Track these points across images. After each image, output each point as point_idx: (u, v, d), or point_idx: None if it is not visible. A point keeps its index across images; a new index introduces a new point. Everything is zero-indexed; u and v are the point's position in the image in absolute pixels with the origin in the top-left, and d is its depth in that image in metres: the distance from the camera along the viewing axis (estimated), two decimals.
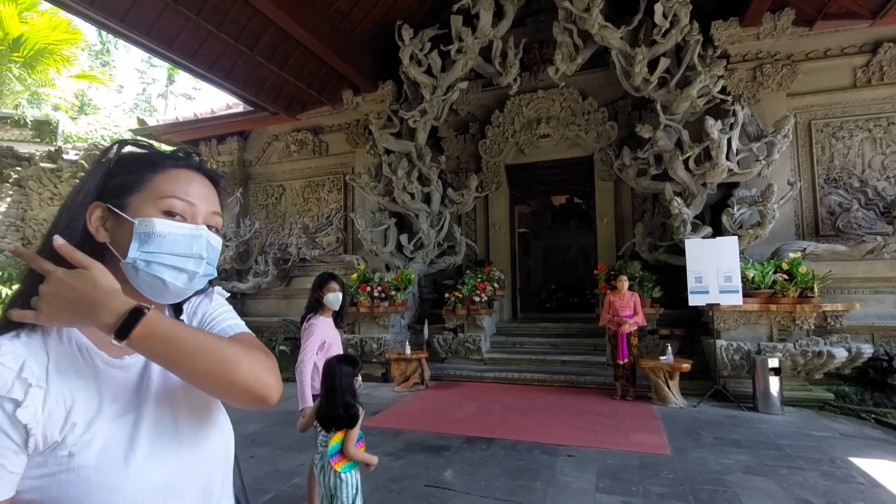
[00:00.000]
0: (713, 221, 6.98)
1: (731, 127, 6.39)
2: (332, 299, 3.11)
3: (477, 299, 7.83)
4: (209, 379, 0.68)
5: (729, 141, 6.37)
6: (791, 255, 6.17)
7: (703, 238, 6.49)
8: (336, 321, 3.21)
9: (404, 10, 7.83)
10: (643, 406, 5.78)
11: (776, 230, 6.46)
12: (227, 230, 9.40)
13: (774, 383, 5.39)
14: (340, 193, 9.65)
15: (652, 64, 6.70)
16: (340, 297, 3.15)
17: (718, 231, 6.63)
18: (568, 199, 14.68)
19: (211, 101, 31.21)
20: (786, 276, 5.91)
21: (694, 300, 6.09)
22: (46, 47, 9.73)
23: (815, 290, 5.80)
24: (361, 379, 2.47)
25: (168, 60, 7.48)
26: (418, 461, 4.05)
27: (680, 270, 6.82)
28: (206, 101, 25.17)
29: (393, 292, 7.83)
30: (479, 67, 7.86)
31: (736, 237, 6.12)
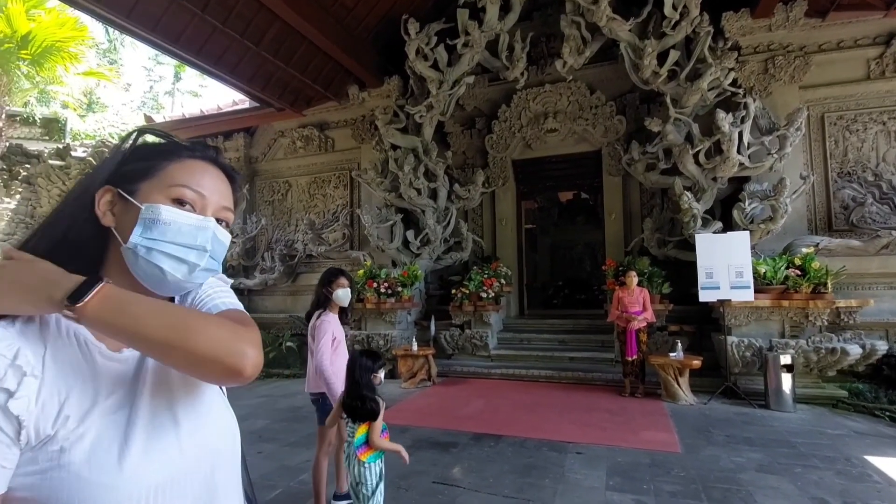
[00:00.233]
0: (723, 216, 6.89)
1: (743, 120, 6.29)
2: (342, 295, 3.07)
3: (484, 295, 7.79)
4: (169, 350, 0.62)
5: (740, 134, 6.27)
6: (804, 250, 6.07)
7: (713, 233, 6.40)
8: (342, 317, 3.18)
9: (410, 4, 7.77)
10: (652, 403, 5.72)
11: (788, 225, 6.36)
12: (233, 226, 9.41)
13: (787, 380, 5.31)
14: (346, 189, 9.62)
15: (661, 57, 6.59)
16: (349, 294, 3.11)
17: (729, 226, 6.54)
18: (575, 194, 14.56)
19: (217, 98, 31.32)
20: (798, 272, 5.81)
21: (704, 296, 6.01)
22: (54, 44, 9.74)
23: (829, 285, 5.71)
24: (383, 375, 2.51)
25: (174, 56, 7.47)
26: (426, 458, 4.03)
27: (689, 266, 6.74)
28: (213, 98, 25.23)
29: (399, 288, 7.80)
30: (486, 62, 7.78)
31: (747, 232, 6.03)
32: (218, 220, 0.77)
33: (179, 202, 0.73)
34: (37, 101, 12.09)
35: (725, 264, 5.86)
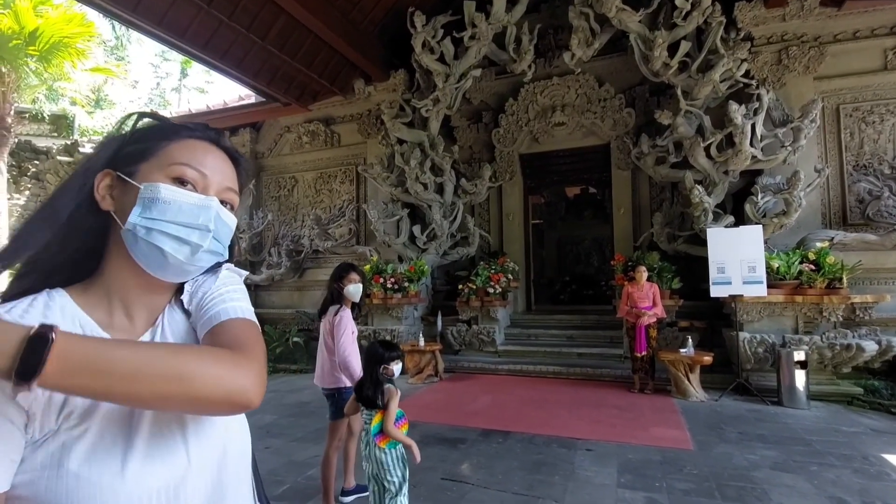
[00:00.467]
0: (735, 210, 6.78)
1: (756, 112, 6.16)
2: (353, 290, 3.10)
3: (491, 291, 7.73)
4: (169, 402, 0.55)
5: (753, 126, 6.15)
6: (818, 244, 5.96)
7: (725, 227, 6.29)
8: (353, 312, 3.19)
9: None
10: (662, 399, 5.64)
11: (802, 219, 6.24)
12: (240, 222, 9.41)
13: (800, 377, 5.22)
14: (353, 184, 9.58)
15: (672, 48, 6.48)
16: (360, 289, 3.14)
17: (740, 220, 6.43)
18: (582, 189, 14.45)
19: (223, 93, 31.34)
20: (812, 267, 5.70)
21: (716, 291, 5.92)
22: (61, 41, 9.73)
23: (844, 280, 5.60)
24: (399, 368, 2.51)
25: (181, 51, 7.44)
26: (434, 454, 3.99)
27: (699, 261, 6.65)
28: (219, 94, 25.28)
29: (406, 283, 7.76)
30: (493, 54, 7.69)
31: (760, 226, 5.92)
32: (222, 203, 0.73)
33: (180, 181, 0.69)
34: (45, 98, 12.11)
35: (737, 259, 5.76)
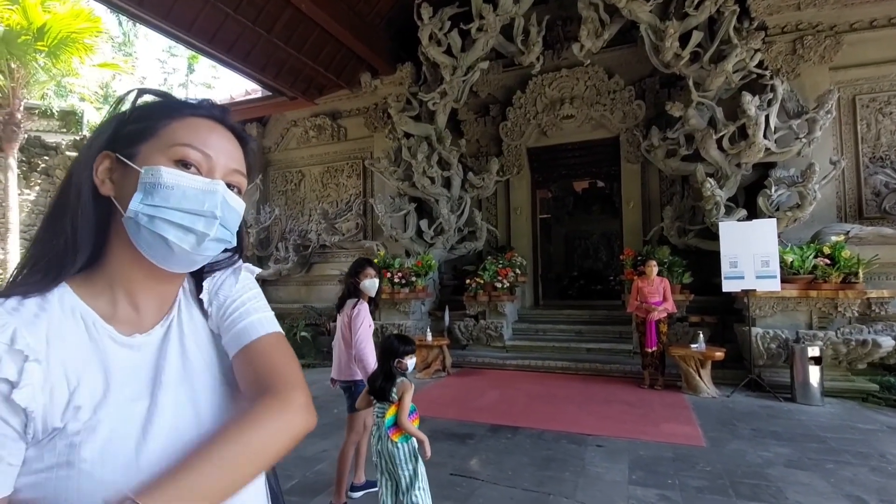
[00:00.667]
0: (747, 204, 6.67)
1: (770, 103, 6.04)
2: (369, 285, 3.20)
3: (499, 285, 7.68)
4: (263, 468, 0.61)
5: (767, 118, 6.03)
6: (833, 238, 5.84)
7: (737, 221, 6.19)
8: (370, 306, 3.29)
9: None
10: (673, 395, 5.58)
11: (816, 212, 6.12)
12: (247, 216, 9.42)
13: (814, 373, 5.12)
14: (360, 179, 9.55)
15: (683, 38, 6.36)
16: (377, 283, 3.24)
17: (752, 214, 6.33)
18: (590, 183, 14.31)
19: (230, 88, 31.46)
20: (827, 261, 5.59)
21: (728, 286, 5.83)
22: (69, 36, 9.75)
23: (860, 275, 5.49)
24: (413, 363, 2.51)
25: (187, 45, 7.41)
26: (443, 449, 3.96)
27: (710, 255, 6.55)
28: (225, 89, 25.35)
29: (413, 278, 7.73)
30: (501, 46, 7.59)
31: (774, 220, 5.81)
32: (229, 186, 0.68)
33: (183, 164, 0.64)
34: (54, 94, 12.17)
35: (750, 253, 5.66)
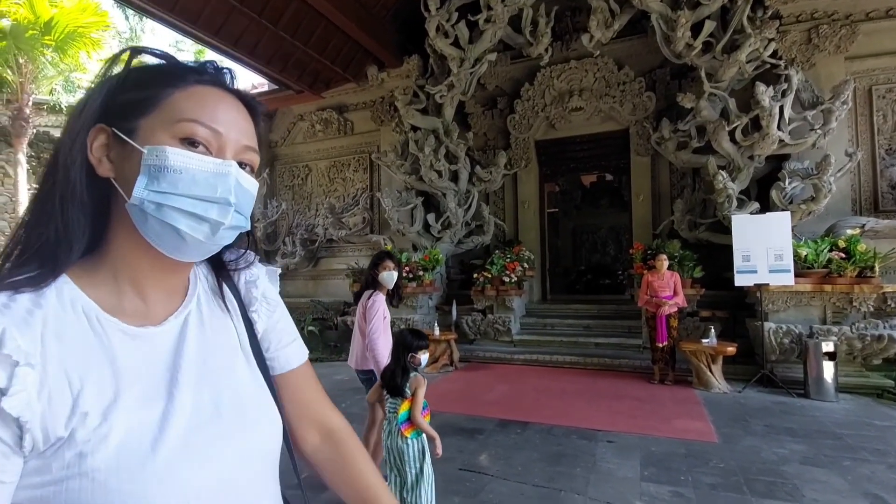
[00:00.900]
0: (759, 197, 6.55)
1: (784, 94, 5.92)
2: (387, 277, 3.23)
3: (506, 280, 7.63)
4: None
5: (781, 109, 5.91)
6: (848, 231, 5.74)
7: (750, 214, 6.09)
8: (390, 298, 3.32)
9: None
10: (684, 391, 5.52)
11: (831, 205, 6.00)
12: (254, 210, 9.41)
13: (829, 368, 5.04)
14: (366, 173, 9.51)
15: (695, 28, 6.23)
16: (395, 276, 3.27)
17: (765, 207, 6.22)
18: (599, 177, 14.19)
19: (236, 83, 31.39)
20: (842, 255, 5.49)
21: (740, 280, 5.74)
22: (76, 30, 9.76)
23: (876, 269, 5.38)
24: (426, 358, 2.52)
25: (194, 38, 7.38)
26: (452, 444, 3.93)
27: (722, 249, 6.46)
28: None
29: (420, 272, 7.70)
30: (508, 38, 7.49)
31: (788, 213, 5.70)
32: (241, 165, 0.60)
33: (190, 142, 0.56)
34: (62, 90, 12.23)
35: (764, 247, 5.57)
